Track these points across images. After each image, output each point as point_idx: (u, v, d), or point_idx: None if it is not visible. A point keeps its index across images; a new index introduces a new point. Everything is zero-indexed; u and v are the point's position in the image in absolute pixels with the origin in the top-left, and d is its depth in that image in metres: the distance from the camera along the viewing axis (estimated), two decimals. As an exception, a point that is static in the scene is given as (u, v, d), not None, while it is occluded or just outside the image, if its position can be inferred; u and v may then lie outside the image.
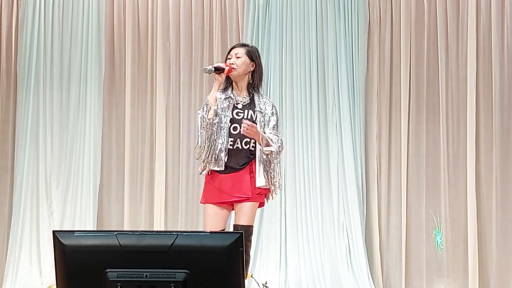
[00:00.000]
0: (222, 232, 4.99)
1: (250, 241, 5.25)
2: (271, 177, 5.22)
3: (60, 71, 7.59)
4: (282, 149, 5.28)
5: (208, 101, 5.19)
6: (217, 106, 5.16)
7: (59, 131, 7.54)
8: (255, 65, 5.33)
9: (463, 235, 7.19)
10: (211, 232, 3.09)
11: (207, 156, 5.18)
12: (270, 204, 7.27)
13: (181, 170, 7.48)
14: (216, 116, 5.14)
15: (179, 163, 7.50)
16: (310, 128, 7.38)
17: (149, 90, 7.60)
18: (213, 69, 5.15)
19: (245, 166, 5.21)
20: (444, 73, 7.33)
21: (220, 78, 5.18)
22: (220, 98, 5.20)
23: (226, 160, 5.15)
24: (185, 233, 3.05)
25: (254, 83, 5.34)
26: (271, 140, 5.16)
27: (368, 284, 7.06)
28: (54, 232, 3.06)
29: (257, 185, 5.18)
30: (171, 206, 7.48)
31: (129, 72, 7.59)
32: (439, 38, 7.35)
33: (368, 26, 7.45)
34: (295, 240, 7.27)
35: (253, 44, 7.32)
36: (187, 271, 2.95)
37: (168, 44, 7.59)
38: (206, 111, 5.15)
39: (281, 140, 5.26)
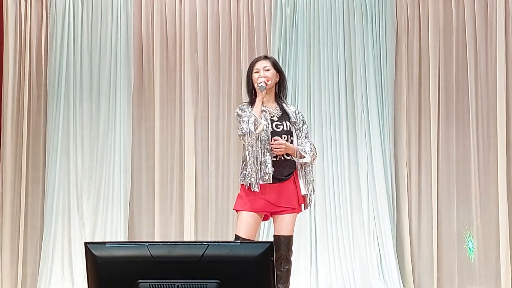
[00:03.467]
0: (253, 241, 4.99)
1: (292, 250, 5.31)
2: (309, 184, 5.30)
3: (90, 83, 7.64)
4: (316, 156, 5.40)
5: (254, 115, 5.18)
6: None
7: (89, 143, 7.59)
8: (280, 75, 5.40)
9: (495, 242, 7.14)
10: (241, 242, 3.10)
11: (254, 170, 5.20)
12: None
13: (210, 180, 7.50)
14: (262, 130, 5.18)
15: (209, 173, 7.52)
16: (339, 136, 7.37)
17: (178, 101, 7.63)
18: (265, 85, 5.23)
19: (290, 177, 5.25)
20: (473, 79, 7.29)
21: (264, 93, 5.25)
22: (261, 110, 5.25)
23: (273, 173, 5.19)
24: (216, 243, 3.06)
25: (281, 93, 5.40)
26: (304, 151, 5.26)
27: (400, 292, 7.04)
28: (86, 243, 3.08)
29: (302, 193, 5.25)
30: (201, 216, 7.49)
31: (158, 83, 7.63)
32: (467, 44, 7.32)
33: (396, 33, 7.43)
34: (325, 248, 7.25)
35: (281, 53, 7.38)
36: (218, 281, 2.96)
37: (196, 54, 7.61)
38: (255, 126, 5.16)
39: (314, 146, 5.38)
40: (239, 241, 4.72)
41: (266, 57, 5.46)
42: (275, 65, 5.38)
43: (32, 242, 7.57)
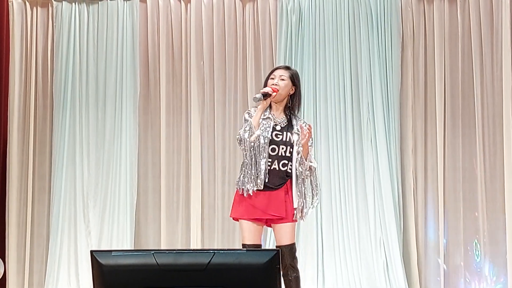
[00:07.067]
0: (259, 249, 5.01)
1: (296, 257, 5.30)
2: (304, 196, 5.28)
3: (96, 92, 7.65)
4: (315, 168, 5.37)
5: (251, 123, 5.23)
6: (259, 129, 5.22)
7: (95, 151, 7.59)
8: (295, 89, 5.39)
9: (501, 249, 7.12)
10: (247, 250, 3.10)
11: (248, 176, 5.22)
12: (306, 220, 7.29)
13: (216, 188, 7.50)
14: (257, 139, 5.19)
15: (215, 180, 7.52)
16: (345, 144, 7.36)
17: (184, 109, 7.63)
18: (262, 96, 5.21)
19: (281, 186, 5.25)
20: (479, 86, 7.29)
21: (265, 103, 5.26)
22: (260, 118, 5.25)
23: (266, 181, 5.20)
24: (222, 251, 3.06)
25: (293, 105, 5.40)
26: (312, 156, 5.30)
27: (407, 299, 7.02)
28: (92, 252, 3.08)
29: (294, 205, 5.22)
30: (207, 224, 7.49)
31: (164, 91, 7.63)
32: (473, 51, 7.32)
33: (401, 40, 7.43)
34: (332, 256, 7.24)
35: (286, 61, 7.38)
36: (225, 289, 2.96)
37: (202, 62, 7.62)
38: (249, 134, 5.19)
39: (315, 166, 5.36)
40: (245, 249, 4.73)
41: (287, 68, 5.49)
42: (293, 78, 5.38)
43: (38, 251, 7.57)
